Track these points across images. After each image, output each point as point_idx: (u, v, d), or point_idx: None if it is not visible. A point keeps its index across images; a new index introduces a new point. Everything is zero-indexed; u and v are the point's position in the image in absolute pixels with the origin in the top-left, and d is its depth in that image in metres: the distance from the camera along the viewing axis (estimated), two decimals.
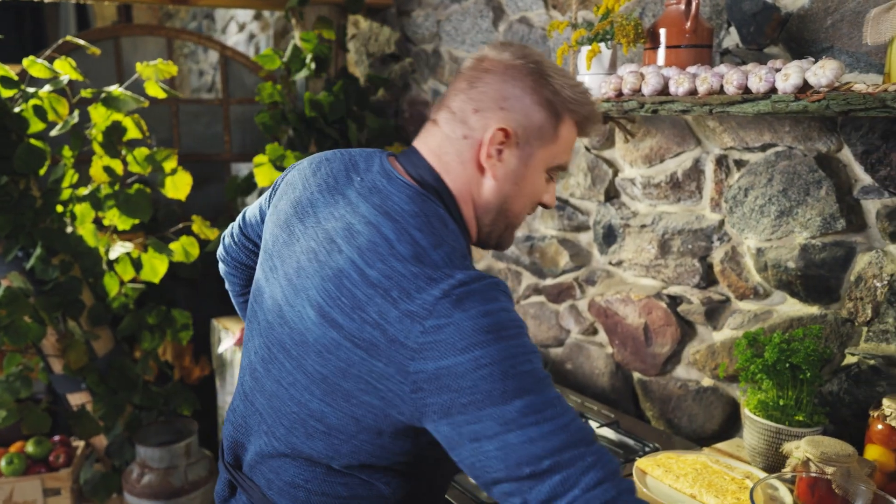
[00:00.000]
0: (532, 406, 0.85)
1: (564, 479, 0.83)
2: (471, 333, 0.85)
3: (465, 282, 0.89)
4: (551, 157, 1.05)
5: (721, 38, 1.74)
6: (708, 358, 1.86)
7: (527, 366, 0.87)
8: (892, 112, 1.13)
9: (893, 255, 1.47)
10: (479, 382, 0.84)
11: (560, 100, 1.02)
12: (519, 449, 0.84)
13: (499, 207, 1.05)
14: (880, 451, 1.36)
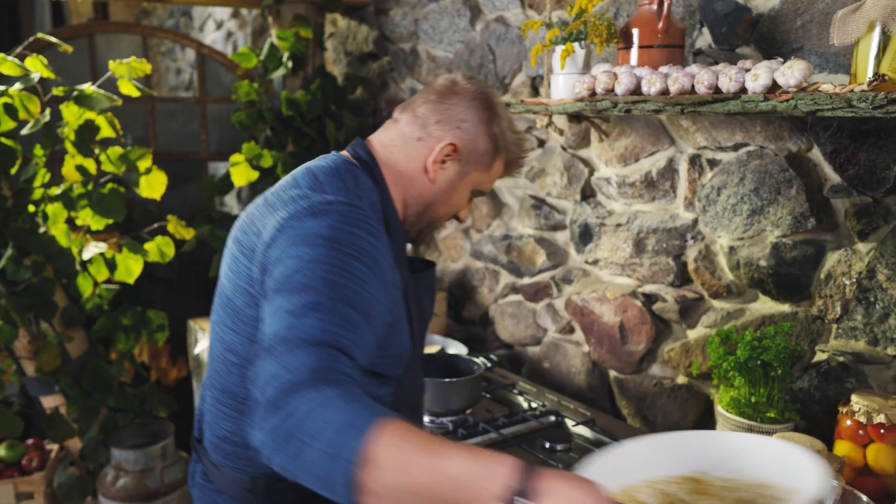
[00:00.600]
0: (317, 304, 0.94)
1: (289, 362, 0.88)
2: (311, 236, 1.01)
3: (333, 202, 1.05)
4: (480, 181, 1.24)
5: (694, 38, 1.75)
6: (682, 356, 1.87)
7: (336, 277, 0.97)
8: (858, 112, 1.15)
9: (861, 254, 1.49)
10: (293, 272, 0.98)
11: (503, 138, 1.22)
12: (283, 329, 0.92)
13: (426, 205, 1.23)
14: (849, 447, 1.38)
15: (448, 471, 0.78)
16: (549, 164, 2.20)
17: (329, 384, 0.85)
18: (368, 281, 1.01)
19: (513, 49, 2.29)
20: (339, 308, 0.95)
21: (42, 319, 2.43)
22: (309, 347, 0.90)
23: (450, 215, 1.28)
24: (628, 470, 0.97)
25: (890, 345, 1.46)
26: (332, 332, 0.93)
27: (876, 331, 1.48)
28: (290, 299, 0.95)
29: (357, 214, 1.05)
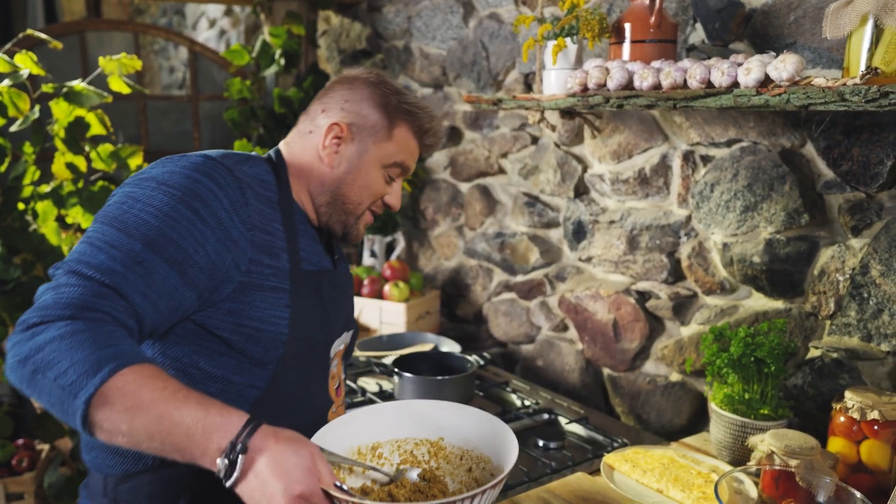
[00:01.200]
0: (114, 239, 0.94)
1: (57, 286, 0.90)
2: (148, 178, 1.01)
3: (190, 155, 1.06)
4: (385, 154, 1.22)
5: (687, 34, 1.74)
6: (676, 353, 1.86)
7: (149, 218, 0.96)
8: (851, 106, 1.14)
9: (855, 250, 1.49)
10: (113, 205, 0.98)
11: (394, 105, 1.22)
12: (72, 255, 0.94)
13: (333, 191, 1.21)
14: (843, 444, 1.37)
15: (178, 419, 0.82)
16: (543, 162, 2.19)
17: (83, 320, 0.86)
18: (191, 225, 0.98)
19: (506, 46, 2.27)
20: (135, 248, 0.94)
21: None
22: (83, 280, 0.90)
23: (368, 199, 1.24)
24: (380, 427, 1.10)
25: (884, 341, 1.45)
26: (115, 270, 0.91)
27: (870, 327, 1.47)
28: (95, 229, 0.96)
29: (209, 165, 1.03)
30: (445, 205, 2.63)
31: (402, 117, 1.23)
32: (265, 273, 1.08)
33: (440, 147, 1.30)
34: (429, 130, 1.26)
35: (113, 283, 0.91)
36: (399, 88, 1.25)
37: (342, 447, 1.05)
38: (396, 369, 1.81)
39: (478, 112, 2.43)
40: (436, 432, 1.12)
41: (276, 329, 1.09)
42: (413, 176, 2.68)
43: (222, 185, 1.03)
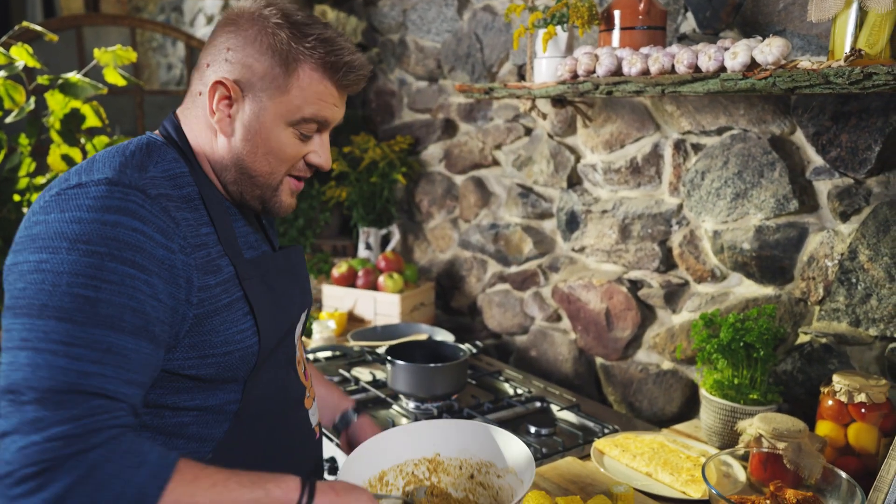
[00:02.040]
0: (62, 334, 0.79)
1: (34, 420, 0.75)
2: (52, 236, 0.82)
3: (86, 184, 0.85)
4: (290, 109, 0.98)
5: (679, 23, 1.75)
6: (667, 341, 1.87)
7: (85, 290, 0.80)
8: (836, 88, 1.15)
9: (843, 235, 1.49)
10: (30, 287, 0.81)
11: (287, 43, 0.95)
12: (21, 370, 0.78)
13: (236, 165, 1.00)
14: (831, 427, 1.38)
15: (240, 499, 0.82)
16: (536, 152, 2.20)
17: (96, 448, 0.76)
18: (136, 281, 0.84)
19: (500, 38, 2.28)
20: (94, 335, 0.80)
21: None
22: (63, 400, 0.77)
23: (281, 165, 1.01)
24: (382, 457, 1.11)
25: (872, 325, 1.46)
26: (88, 373, 0.79)
27: (858, 312, 1.48)
28: (31, 326, 0.79)
29: (117, 194, 0.85)
30: (440, 197, 2.63)
31: (301, 58, 0.95)
32: (216, 294, 0.95)
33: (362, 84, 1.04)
34: (343, 65, 0.98)
35: (98, 390, 0.79)
36: (296, 18, 0.97)
37: (360, 482, 1.06)
38: (389, 357, 1.82)
39: (472, 104, 2.44)
40: (431, 449, 1.15)
41: (245, 345, 0.99)
42: (408, 169, 2.69)
43: (145, 217, 0.86)
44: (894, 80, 1.07)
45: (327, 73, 0.98)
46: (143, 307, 0.85)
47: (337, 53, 0.97)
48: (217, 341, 0.95)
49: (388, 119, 2.87)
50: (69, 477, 0.74)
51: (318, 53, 0.96)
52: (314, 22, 0.98)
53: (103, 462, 0.76)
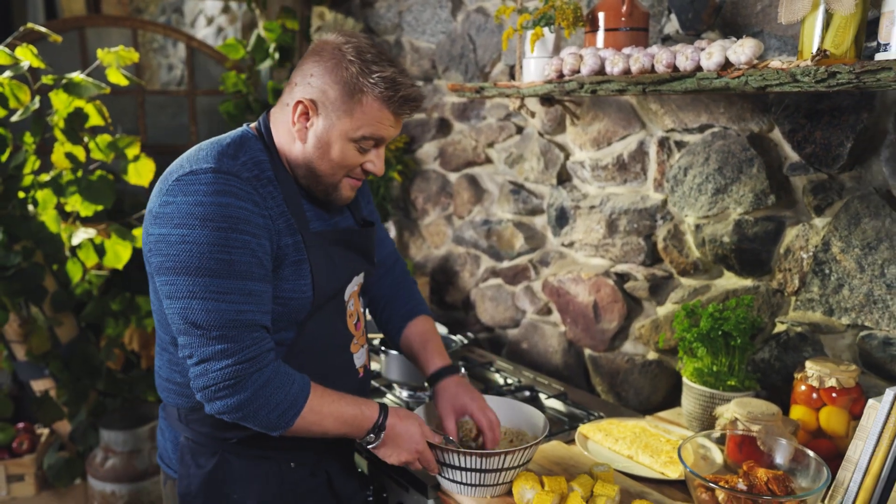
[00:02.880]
0: (217, 286, 1.12)
1: (224, 349, 1.13)
2: (184, 215, 1.12)
3: (198, 172, 1.14)
4: (351, 128, 1.21)
5: (662, 24, 1.81)
6: (652, 332, 1.93)
7: (222, 254, 1.12)
8: (803, 86, 1.21)
9: (818, 228, 1.56)
10: (181, 254, 1.12)
11: (357, 80, 1.18)
12: (200, 313, 1.12)
13: (306, 165, 1.25)
14: (803, 411, 1.44)
15: (345, 412, 1.23)
16: (527, 150, 2.26)
17: (266, 367, 1.15)
18: (251, 244, 1.15)
19: (492, 39, 2.35)
20: (238, 285, 1.13)
21: (32, 304, 2.48)
22: (236, 334, 1.13)
23: (341, 171, 1.26)
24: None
25: (844, 315, 1.52)
26: (243, 310, 1.14)
27: (831, 301, 1.54)
28: (192, 282, 1.12)
29: (221, 180, 1.14)
30: (435, 194, 2.70)
31: (365, 90, 1.19)
32: (289, 251, 1.23)
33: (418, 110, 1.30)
34: (400, 99, 1.21)
35: (253, 321, 1.15)
36: (367, 55, 1.20)
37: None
38: (383, 348, 1.88)
39: (466, 104, 2.50)
40: None
41: (304, 296, 1.25)
42: (404, 167, 2.76)
43: (243, 197, 1.15)
44: (856, 78, 1.13)
45: (385, 104, 1.21)
46: (262, 260, 1.17)
47: (395, 89, 1.20)
48: (285, 287, 1.23)
49: None
50: (252, 387, 1.14)
51: (379, 88, 1.19)
52: (381, 60, 1.21)
53: (272, 377, 1.16)
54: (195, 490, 1.29)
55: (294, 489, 1.34)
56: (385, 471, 1.56)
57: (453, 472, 1.31)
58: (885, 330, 1.46)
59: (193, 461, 1.30)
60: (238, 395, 1.13)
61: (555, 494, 1.28)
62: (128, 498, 2.52)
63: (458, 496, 1.35)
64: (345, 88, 1.19)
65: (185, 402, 1.30)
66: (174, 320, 1.16)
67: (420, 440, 1.29)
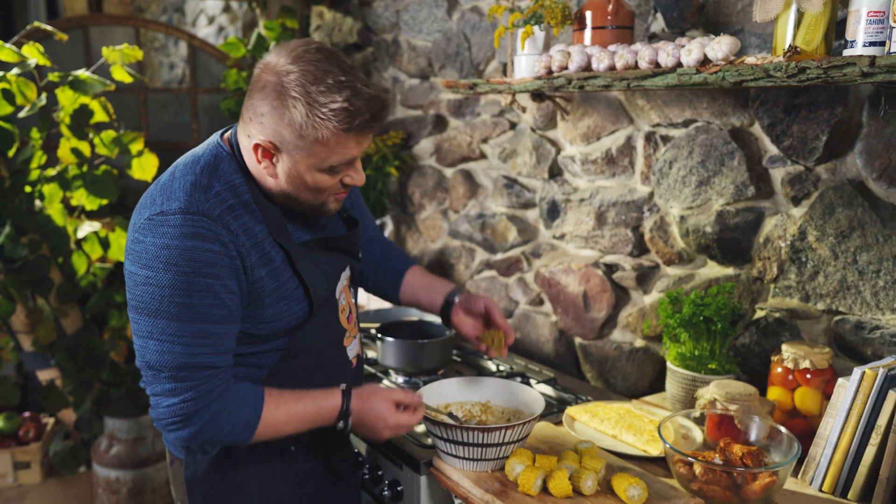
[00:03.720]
0: (174, 329, 1.15)
1: (172, 389, 1.18)
2: (151, 257, 1.15)
3: (168, 213, 1.16)
4: (318, 161, 1.18)
5: (649, 23, 1.88)
6: (639, 320, 2.00)
7: (182, 298, 1.14)
8: (776, 81, 1.28)
9: (795, 218, 1.63)
10: (144, 295, 1.16)
11: (306, 122, 1.13)
12: (154, 354, 1.17)
13: (285, 197, 1.25)
14: (779, 392, 1.51)
15: (304, 412, 1.28)
16: (520, 145, 2.33)
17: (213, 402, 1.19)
18: (214, 286, 1.16)
19: (487, 37, 2.41)
20: (195, 328, 1.16)
21: (39, 295, 2.55)
22: (185, 375, 1.17)
23: (322, 194, 1.25)
24: (449, 393, 1.56)
25: (819, 300, 1.59)
26: (196, 353, 1.17)
27: (807, 288, 1.61)
28: (151, 323, 1.16)
29: (189, 222, 1.14)
30: (431, 189, 2.76)
31: (318, 128, 1.13)
32: (264, 282, 1.24)
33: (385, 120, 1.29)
34: (357, 125, 1.14)
35: (206, 363, 1.18)
36: (311, 89, 1.11)
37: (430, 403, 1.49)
38: (379, 335, 1.95)
39: (461, 100, 2.57)
40: (485, 397, 1.57)
41: (300, 309, 1.30)
42: (401, 162, 2.83)
43: (210, 238, 1.15)
44: (824, 73, 1.20)
45: (343, 133, 1.15)
46: (225, 301, 1.19)
47: (350, 119, 1.13)
48: (267, 314, 1.27)
49: None
50: (200, 422, 1.19)
51: (333, 123, 1.13)
52: (329, 87, 1.11)
53: (220, 410, 1.20)
54: (201, 475, 1.35)
55: (295, 471, 1.40)
56: (379, 450, 1.63)
57: (456, 447, 1.38)
58: (858, 314, 1.53)
59: (199, 448, 1.35)
60: (188, 428, 1.19)
61: (542, 470, 1.34)
62: (131, 484, 2.59)
63: (459, 470, 1.41)
64: (298, 131, 1.14)
65: None
66: (137, 354, 1.21)
67: (388, 415, 1.31)
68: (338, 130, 1.14)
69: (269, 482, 1.38)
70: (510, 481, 1.36)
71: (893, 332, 1.47)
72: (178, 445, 1.36)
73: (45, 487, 2.65)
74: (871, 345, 1.51)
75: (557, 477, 1.31)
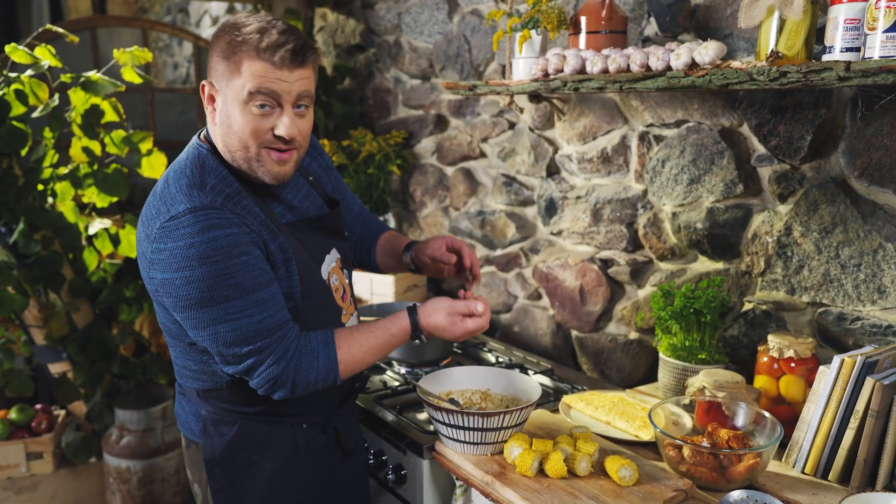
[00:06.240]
0: (234, 308, 1.25)
1: (257, 359, 1.28)
2: (181, 259, 1.22)
3: (179, 215, 1.23)
4: (239, 89, 1.25)
5: (643, 27, 1.95)
6: (633, 313, 2.07)
7: (227, 280, 1.23)
8: (760, 84, 1.35)
9: (781, 214, 1.70)
10: (192, 293, 1.23)
11: (227, 43, 1.25)
12: (228, 334, 1.26)
13: (226, 149, 1.32)
14: (765, 380, 1.58)
15: (378, 342, 1.39)
16: (519, 145, 2.40)
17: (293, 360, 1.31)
18: (249, 261, 1.26)
19: (486, 39, 2.48)
20: (250, 299, 1.26)
21: (51, 290, 2.62)
22: (263, 344, 1.28)
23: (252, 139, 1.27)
24: (450, 382, 1.64)
25: (804, 293, 1.66)
26: (263, 319, 1.27)
27: (793, 281, 1.68)
28: (211, 311, 1.25)
29: (201, 218, 1.23)
30: (432, 187, 2.84)
31: (238, 50, 1.23)
32: (276, 255, 1.34)
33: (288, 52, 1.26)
34: (268, 46, 1.23)
35: (275, 323, 1.29)
36: (237, 22, 1.26)
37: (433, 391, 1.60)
38: None
39: (461, 101, 2.64)
40: (484, 385, 1.65)
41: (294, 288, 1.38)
42: (402, 161, 2.90)
43: (225, 225, 1.25)
44: (804, 77, 1.27)
45: (259, 55, 1.23)
46: (263, 268, 1.29)
47: (262, 40, 1.23)
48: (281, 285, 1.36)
49: (384, 115, 3.07)
50: (289, 381, 1.31)
51: (249, 44, 1.23)
52: (253, 22, 1.26)
53: (299, 365, 1.31)
54: (219, 456, 1.43)
55: (307, 447, 1.48)
56: (384, 436, 1.70)
57: (457, 431, 1.46)
58: (840, 306, 1.60)
59: (216, 430, 1.44)
60: (282, 389, 1.31)
61: (538, 453, 1.42)
62: (142, 474, 2.66)
63: (460, 454, 1.49)
64: (223, 55, 1.25)
65: (202, 384, 1.44)
66: (209, 347, 1.30)
67: (455, 328, 1.39)
68: (253, 49, 1.23)
69: (282, 458, 1.46)
70: (508, 463, 1.44)
71: (873, 322, 1.55)
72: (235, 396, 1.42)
73: (57, 477, 2.73)
74: (852, 335, 1.58)
75: (553, 459, 1.39)
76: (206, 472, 1.44)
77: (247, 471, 1.44)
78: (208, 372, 1.40)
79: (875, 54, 1.24)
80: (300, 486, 1.48)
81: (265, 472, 1.44)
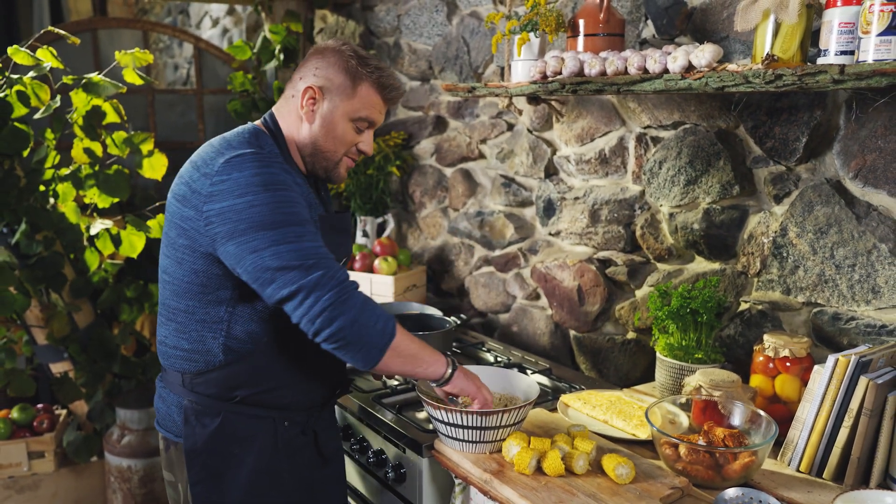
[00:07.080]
0: (294, 231, 1.31)
1: (325, 273, 1.30)
2: (245, 185, 1.32)
3: (244, 154, 1.35)
4: (352, 109, 1.46)
5: (640, 29, 1.97)
6: (630, 313, 2.09)
7: (287, 208, 1.32)
8: (755, 87, 1.37)
9: (777, 215, 1.72)
10: (254, 215, 1.30)
11: (356, 68, 1.45)
12: (289, 254, 1.29)
13: (313, 143, 1.48)
14: (761, 379, 1.60)
15: (421, 356, 1.43)
16: (517, 146, 2.42)
17: (357, 290, 1.34)
18: (301, 203, 1.36)
19: (485, 41, 2.50)
20: (306, 227, 1.34)
21: (52, 290, 2.64)
22: (324, 260, 1.31)
23: (342, 147, 1.48)
24: None
25: (799, 293, 1.68)
26: (318, 244, 1.33)
27: (788, 282, 1.70)
28: (273, 233, 1.30)
29: (264, 156, 1.36)
30: (432, 188, 2.85)
31: (363, 78, 1.45)
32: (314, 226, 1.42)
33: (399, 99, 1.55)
34: (388, 86, 1.48)
35: (327, 254, 1.33)
36: (362, 54, 1.47)
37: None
38: None
39: (460, 102, 2.66)
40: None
41: None
42: (402, 162, 2.92)
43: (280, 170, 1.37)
44: (799, 80, 1.29)
45: (378, 90, 1.47)
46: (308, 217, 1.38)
47: (385, 78, 1.48)
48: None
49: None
50: (352, 309, 1.31)
51: (374, 76, 1.46)
52: (373, 57, 1.49)
53: (366, 302, 1.34)
54: (200, 447, 1.44)
55: (287, 446, 1.50)
56: (383, 434, 1.72)
57: (456, 430, 1.48)
58: (835, 306, 1.62)
59: (198, 421, 1.44)
60: (343, 316, 1.29)
61: (536, 451, 1.43)
62: (142, 472, 2.68)
63: (459, 452, 1.50)
64: (347, 75, 1.44)
65: (192, 366, 1.44)
66: (262, 270, 1.30)
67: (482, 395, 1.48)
68: (376, 84, 1.46)
69: (263, 455, 1.47)
70: (507, 462, 1.46)
71: (868, 322, 1.57)
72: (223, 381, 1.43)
73: (59, 476, 2.74)
74: (847, 335, 1.60)
75: (551, 457, 1.40)
76: (186, 463, 1.44)
77: (227, 464, 1.45)
78: (202, 351, 1.43)
79: (869, 57, 1.25)
80: (281, 486, 1.49)
81: (245, 467, 1.45)
